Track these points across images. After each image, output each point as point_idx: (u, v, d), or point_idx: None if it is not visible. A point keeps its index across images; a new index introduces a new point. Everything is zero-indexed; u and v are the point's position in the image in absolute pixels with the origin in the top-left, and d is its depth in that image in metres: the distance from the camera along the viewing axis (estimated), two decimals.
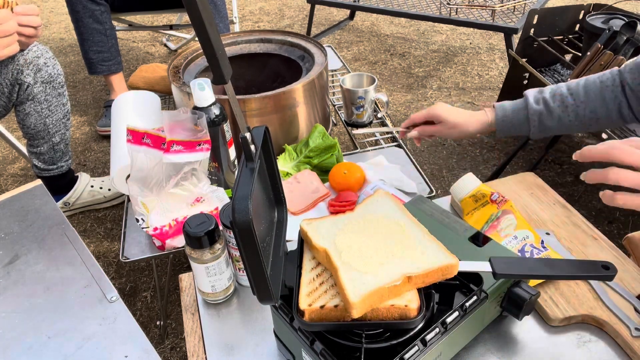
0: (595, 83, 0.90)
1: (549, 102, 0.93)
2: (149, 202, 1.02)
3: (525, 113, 0.95)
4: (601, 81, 0.90)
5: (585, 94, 0.90)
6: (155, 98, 1.32)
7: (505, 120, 0.97)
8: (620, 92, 0.88)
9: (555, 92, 0.93)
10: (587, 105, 0.90)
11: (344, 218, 0.70)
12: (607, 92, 0.89)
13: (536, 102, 0.94)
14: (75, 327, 0.76)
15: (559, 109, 0.92)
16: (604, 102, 0.89)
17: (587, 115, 0.91)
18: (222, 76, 0.97)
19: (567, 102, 0.91)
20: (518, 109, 0.96)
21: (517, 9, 2.33)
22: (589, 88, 0.90)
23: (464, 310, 0.64)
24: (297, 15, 3.38)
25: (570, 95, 0.91)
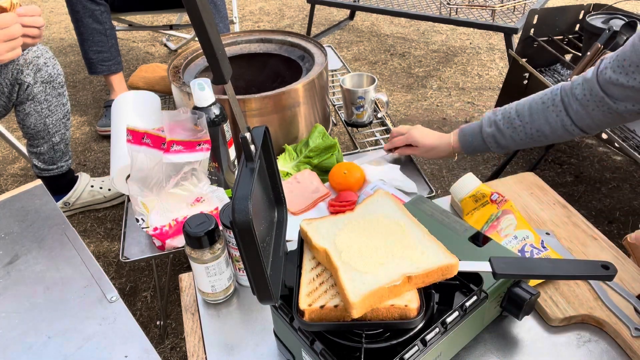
0: (538, 104, 0.97)
1: (499, 124, 1.01)
2: (149, 202, 1.02)
3: (481, 137, 1.04)
4: (543, 102, 0.96)
5: (530, 115, 0.97)
6: (155, 98, 1.32)
7: (467, 144, 1.07)
8: (562, 111, 0.94)
9: (505, 114, 1.00)
10: (532, 125, 0.97)
11: (344, 218, 0.70)
12: (549, 112, 0.95)
13: (489, 126, 1.02)
14: (75, 327, 0.76)
15: (509, 130, 1.00)
16: (547, 122, 0.96)
17: (535, 134, 0.98)
18: (222, 76, 0.97)
19: (515, 123, 0.99)
20: (475, 134, 1.05)
21: (517, 9, 2.33)
22: (533, 109, 0.97)
23: (464, 310, 0.64)
24: (297, 15, 3.38)
25: (517, 117, 0.98)
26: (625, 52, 0.84)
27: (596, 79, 0.89)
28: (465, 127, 1.08)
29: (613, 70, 0.86)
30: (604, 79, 0.88)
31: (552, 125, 0.95)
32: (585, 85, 0.91)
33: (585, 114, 0.92)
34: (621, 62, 0.85)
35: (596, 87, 0.89)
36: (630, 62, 0.83)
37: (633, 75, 0.83)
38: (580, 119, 0.93)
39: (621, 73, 0.85)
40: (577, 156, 1.98)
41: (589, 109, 0.91)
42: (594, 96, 0.90)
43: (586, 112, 0.92)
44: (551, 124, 0.95)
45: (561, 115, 0.94)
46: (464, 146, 1.07)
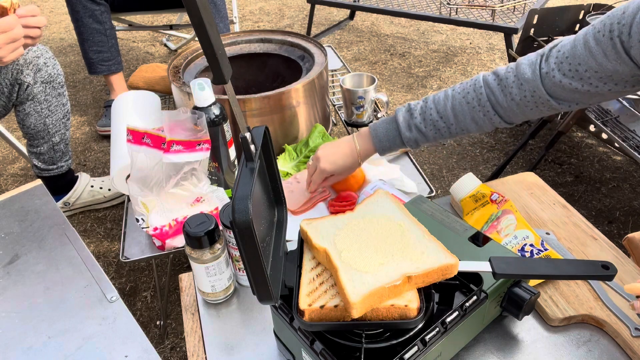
0: (462, 105, 0.90)
1: (420, 127, 0.93)
2: (149, 202, 1.02)
3: (400, 140, 0.96)
4: (467, 102, 0.89)
5: (455, 117, 0.91)
6: (155, 98, 1.32)
7: (382, 148, 0.99)
8: (490, 110, 0.88)
9: (426, 115, 0.93)
10: (457, 125, 0.91)
11: (344, 218, 0.70)
12: (475, 112, 0.89)
13: (408, 130, 0.94)
14: (75, 327, 0.76)
15: (432, 132, 0.93)
16: (473, 121, 0.90)
17: (460, 132, 0.93)
18: (222, 76, 0.97)
19: (438, 125, 0.92)
20: (392, 138, 0.97)
21: (517, 8, 2.33)
22: (457, 110, 0.90)
23: (464, 310, 0.64)
24: (297, 15, 3.38)
25: (440, 118, 0.92)
26: (578, 55, 0.77)
27: (540, 82, 0.82)
28: (379, 130, 0.98)
29: (563, 73, 0.79)
30: (551, 82, 0.81)
31: (479, 124, 0.90)
32: (526, 87, 0.83)
33: (519, 112, 0.86)
34: (574, 66, 0.78)
35: (541, 90, 0.82)
36: (587, 68, 0.76)
37: (589, 80, 0.77)
38: (512, 116, 0.87)
39: (574, 77, 0.78)
40: (577, 156, 1.98)
41: (526, 108, 0.85)
42: (536, 98, 0.83)
43: (521, 110, 0.86)
44: (478, 122, 0.90)
45: (489, 114, 0.88)
46: (378, 149, 0.99)
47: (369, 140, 0.99)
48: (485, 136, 2.15)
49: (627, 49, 0.71)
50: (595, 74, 0.76)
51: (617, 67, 0.73)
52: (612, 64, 0.73)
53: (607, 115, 1.62)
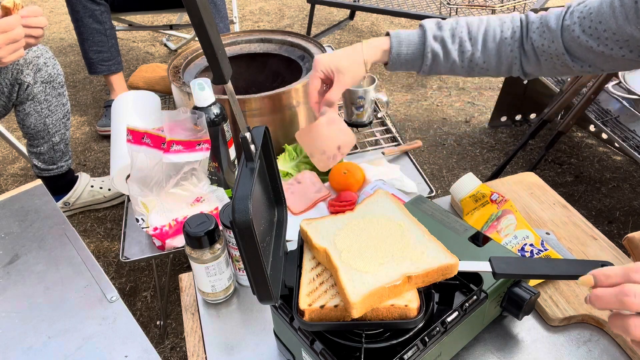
0: (496, 34, 0.86)
1: (447, 42, 0.87)
2: (149, 202, 1.02)
3: (421, 50, 0.88)
4: (502, 31, 0.86)
5: (484, 44, 0.86)
6: (155, 98, 1.32)
7: (399, 54, 0.90)
8: (518, 48, 0.85)
9: (455, 32, 0.87)
10: (482, 54, 0.87)
11: (344, 218, 0.70)
12: (504, 46, 0.86)
13: (434, 39, 0.88)
14: (75, 327, 0.76)
15: (456, 52, 0.87)
16: (498, 56, 0.87)
17: (479, 65, 0.88)
18: (222, 76, 0.97)
19: (464, 47, 0.87)
20: (413, 44, 0.88)
21: (517, 8, 2.33)
22: (488, 38, 0.86)
23: (464, 310, 0.64)
24: (297, 15, 3.38)
25: (469, 40, 0.87)
26: (601, 13, 0.76)
27: (560, 34, 0.81)
28: (401, 33, 0.90)
29: (583, 30, 0.78)
30: (570, 36, 0.80)
31: (502, 59, 0.87)
32: (547, 35, 0.82)
33: (534, 60, 0.85)
34: (595, 24, 0.77)
35: (559, 41, 0.81)
36: (607, 28, 0.76)
37: (606, 42, 0.77)
38: (528, 62, 0.86)
39: (592, 35, 0.78)
40: (577, 156, 1.98)
41: (542, 58, 0.84)
42: (552, 49, 0.82)
43: (536, 58, 0.85)
44: (501, 57, 0.86)
45: (515, 52, 0.86)
46: (393, 55, 0.89)
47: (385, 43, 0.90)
48: (485, 136, 2.15)
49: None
50: (612, 36, 0.76)
51: (635, 32, 0.73)
52: (631, 28, 0.73)
53: (607, 115, 1.62)
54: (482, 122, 2.24)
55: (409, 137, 2.15)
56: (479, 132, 2.18)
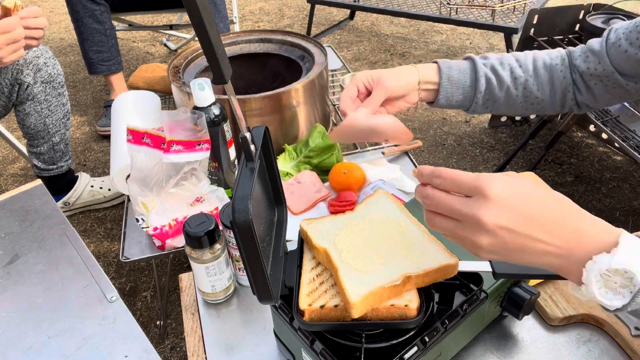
0: (545, 61, 0.84)
1: (498, 69, 0.82)
2: (149, 202, 1.02)
3: (473, 76, 0.82)
4: (551, 58, 0.84)
5: (534, 70, 0.83)
6: (155, 98, 1.32)
7: (451, 80, 0.82)
8: (570, 75, 0.83)
9: (503, 61, 0.83)
10: (535, 81, 0.83)
11: (344, 218, 0.70)
12: (556, 72, 0.83)
13: (485, 66, 0.83)
14: (75, 327, 0.76)
15: (509, 78, 0.82)
16: (551, 82, 0.84)
17: (533, 93, 0.84)
18: (222, 76, 0.96)
19: (516, 73, 0.83)
20: (464, 70, 0.82)
21: (517, 8, 2.33)
22: (538, 64, 0.83)
23: (464, 310, 0.64)
24: (297, 15, 3.38)
25: (519, 67, 0.83)
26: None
27: (606, 52, 0.79)
28: (448, 61, 0.83)
29: (630, 42, 0.76)
30: (617, 52, 0.78)
31: (555, 88, 0.83)
32: (592, 59, 0.81)
33: (584, 89, 0.83)
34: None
35: (606, 60, 0.79)
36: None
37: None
38: (579, 92, 0.83)
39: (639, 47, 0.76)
40: (577, 156, 1.98)
41: (590, 83, 0.82)
42: (600, 70, 0.80)
43: (586, 86, 0.83)
44: (554, 86, 0.83)
45: (567, 79, 0.83)
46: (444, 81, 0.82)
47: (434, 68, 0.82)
48: (485, 136, 2.15)
49: None
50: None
51: None
52: None
53: (607, 115, 1.62)
54: (482, 122, 2.24)
55: None
56: (479, 132, 2.18)
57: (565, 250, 0.47)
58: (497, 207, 0.47)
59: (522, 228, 0.47)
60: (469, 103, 0.85)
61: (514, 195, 0.47)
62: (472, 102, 0.84)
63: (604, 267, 0.44)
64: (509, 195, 0.47)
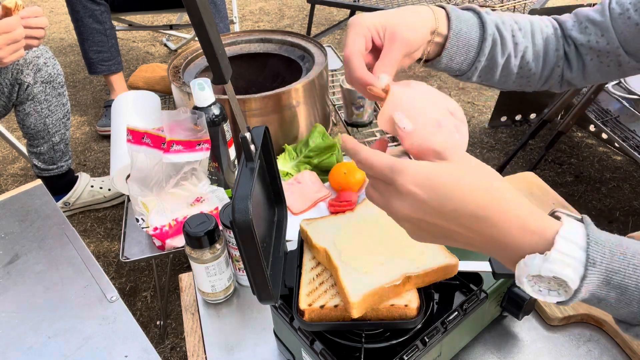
0: (542, 28, 0.74)
1: (501, 29, 0.70)
2: (149, 202, 1.02)
3: (481, 34, 0.69)
4: (545, 26, 0.74)
5: (532, 36, 0.73)
6: (155, 98, 1.32)
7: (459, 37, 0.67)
8: (562, 47, 0.73)
9: (505, 20, 0.71)
10: (532, 49, 0.73)
11: (344, 218, 0.70)
12: (551, 42, 0.73)
13: (492, 22, 0.70)
14: (75, 327, 0.76)
15: (511, 42, 0.71)
16: (545, 53, 0.74)
17: (528, 64, 0.73)
18: (222, 76, 0.97)
19: (517, 37, 0.71)
20: (473, 25, 0.68)
21: (517, 9, 2.33)
22: (535, 30, 0.73)
23: (464, 310, 0.64)
24: (297, 15, 3.38)
25: (519, 30, 0.72)
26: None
27: (611, 24, 0.69)
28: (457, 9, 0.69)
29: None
30: (625, 24, 0.67)
31: (547, 60, 0.74)
32: (592, 30, 0.70)
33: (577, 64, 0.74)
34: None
35: (611, 33, 0.69)
36: None
37: None
38: (569, 68, 0.74)
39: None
40: (577, 156, 1.98)
41: (586, 58, 0.72)
42: (603, 45, 0.70)
43: (580, 60, 0.73)
44: (547, 57, 0.74)
45: (560, 51, 0.74)
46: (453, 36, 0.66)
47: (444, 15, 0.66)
48: (485, 136, 2.15)
49: None
50: None
51: None
52: None
53: (607, 115, 1.62)
54: (482, 122, 2.24)
55: None
56: (479, 132, 2.18)
57: (491, 243, 0.44)
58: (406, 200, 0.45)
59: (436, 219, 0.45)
60: (468, 67, 0.71)
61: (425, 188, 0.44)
62: (472, 67, 0.70)
63: (534, 271, 0.42)
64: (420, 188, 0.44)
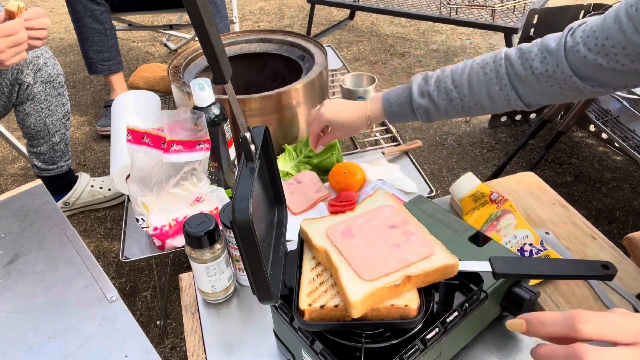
0: (479, 75, 0.85)
1: (433, 96, 0.88)
2: (149, 202, 1.02)
3: (410, 108, 0.91)
4: (485, 73, 0.84)
5: (469, 87, 0.85)
6: (155, 98, 1.32)
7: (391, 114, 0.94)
8: (508, 85, 0.83)
9: (440, 83, 0.88)
10: (471, 98, 0.86)
11: (344, 218, 0.70)
12: (492, 85, 0.84)
13: (421, 95, 0.90)
14: (75, 327, 0.76)
15: (444, 102, 0.88)
16: (488, 95, 0.85)
17: (472, 107, 0.87)
18: (222, 76, 0.97)
19: (451, 95, 0.87)
20: (402, 104, 0.92)
21: (517, 8, 2.33)
22: (473, 81, 0.85)
23: (464, 310, 0.64)
24: (297, 15, 3.38)
25: (454, 88, 0.86)
26: (607, 29, 0.73)
27: (564, 56, 0.78)
28: (391, 94, 0.94)
29: (589, 48, 0.75)
30: (575, 57, 0.77)
31: (494, 99, 0.85)
32: (550, 60, 0.79)
33: (538, 89, 0.81)
34: (601, 41, 0.74)
35: (564, 64, 0.78)
36: (615, 43, 0.72)
37: (616, 57, 0.73)
38: (530, 93, 0.83)
39: (599, 53, 0.74)
40: (577, 156, 1.98)
41: (547, 84, 0.80)
42: (558, 74, 0.79)
43: (541, 87, 0.81)
44: (493, 97, 0.84)
45: (506, 89, 0.83)
46: (387, 115, 0.94)
47: (380, 103, 0.95)
48: (485, 136, 2.15)
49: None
50: (622, 50, 0.72)
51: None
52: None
53: (607, 115, 1.62)
54: (482, 122, 2.24)
55: (409, 137, 2.15)
56: (479, 132, 2.18)
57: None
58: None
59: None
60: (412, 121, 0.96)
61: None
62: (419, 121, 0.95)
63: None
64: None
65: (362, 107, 0.97)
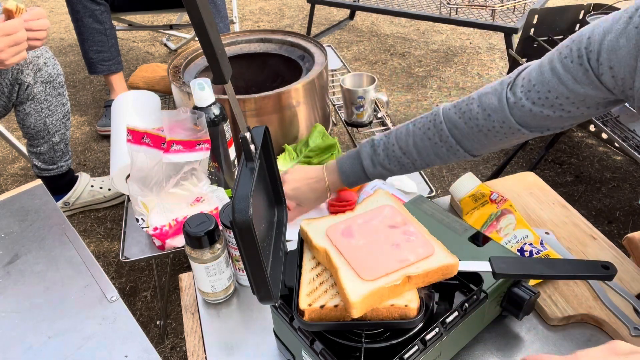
0: (424, 141, 0.87)
1: (385, 164, 0.91)
2: (149, 202, 1.02)
3: (365, 175, 0.93)
4: (428, 138, 0.87)
5: (418, 153, 0.88)
6: (155, 98, 1.32)
7: (350, 182, 0.95)
8: (454, 145, 0.85)
9: (389, 152, 0.90)
10: (422, 160, 0.89)
11: (344, 218, 0.70)
12: (438, 148, 0.86)
13: (373, 165, 0.91)
14: (75, 327, 0.76)
15: (397, 167, 0.91)
16: (437, 156, 0.88)
17: (425, 166, 0.91)
18: (222, 76, 0.97)
19: (403, 161, 0.90)
20: (358, 174, 0.93)
21: (517, 8, 2.33)
22: (419, 147, 0.88)
23: (464, 310, 0.64)
24: (297, 15, 3.38)
25: (403, 155, 0.89)
26: (546, 82, 0.74)
27: (509, 112, 0.79)
28: (345, 164, 0.94)
29: (533, 102, 0.76)
30: (521, 111, 0.78)
31: (444, 158, 0.88)
32: (495, 117, 0.80)
33: (487, 143, 0.84)
34: (544, 94, 0.75)
35: (510, 120, 0.79)
36: (558, 95, 0.74)
37: (561, 107, 0.75)
38: (479, 147, 0.85)
39: (544, 105, 0.76)
40: (577, 156, 1.98)
41: (495, 139, 0.82)
42: (506, 128, 0.80)
43: (489, 141, 0.83)
44: (442, 157, 0.87)
45: (453, 149, 0.85)
46: (346, 184, 0.96)
47: (336, 174, 0.95)
48: None
49: (597, 75, 0.69)
50: (566, 100, 0.74)
51: (589, 91, 0.72)
52: (584, 89, 0.72)
53: (607, 115, 1.62)
54: None
55: None
56: None
57: None
58: None
59: None
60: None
61: None
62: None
63: None
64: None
65: (320, 179, 0.96)
